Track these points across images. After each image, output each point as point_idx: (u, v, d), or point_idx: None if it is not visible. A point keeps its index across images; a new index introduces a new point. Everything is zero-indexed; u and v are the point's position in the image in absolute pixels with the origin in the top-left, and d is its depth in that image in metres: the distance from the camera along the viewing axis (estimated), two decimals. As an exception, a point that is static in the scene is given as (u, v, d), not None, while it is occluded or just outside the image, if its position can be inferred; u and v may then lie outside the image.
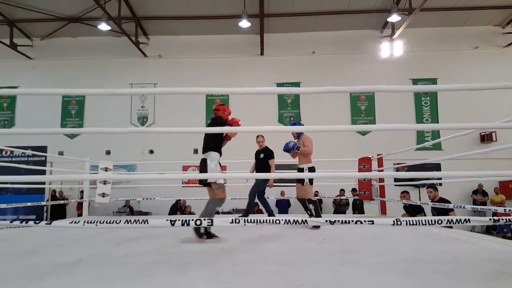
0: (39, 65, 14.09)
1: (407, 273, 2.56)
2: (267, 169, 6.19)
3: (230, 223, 2.65)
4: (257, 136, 6.61)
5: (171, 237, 4.34)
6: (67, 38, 14.10)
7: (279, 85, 13.00)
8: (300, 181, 5.34)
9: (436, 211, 5.70)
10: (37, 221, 2.60)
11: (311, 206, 5.16)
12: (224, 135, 4.55)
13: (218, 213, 11.28)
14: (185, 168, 12.35)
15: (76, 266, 2.87)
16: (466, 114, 12.10)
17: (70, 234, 4.62)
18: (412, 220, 2.52)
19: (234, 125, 4.53)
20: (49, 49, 14.16)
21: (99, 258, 3.22)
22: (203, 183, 4.45)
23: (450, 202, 5.60)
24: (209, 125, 4.70)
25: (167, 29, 13.74)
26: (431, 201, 5.83)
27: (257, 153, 6.58)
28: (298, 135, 5.62)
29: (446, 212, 5.48)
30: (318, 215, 5.11)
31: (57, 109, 13.78)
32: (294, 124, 5.59)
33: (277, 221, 2.76)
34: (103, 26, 12.01)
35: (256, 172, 6.34)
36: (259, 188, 6.45)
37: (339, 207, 11.58)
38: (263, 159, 6.40)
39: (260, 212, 10.22)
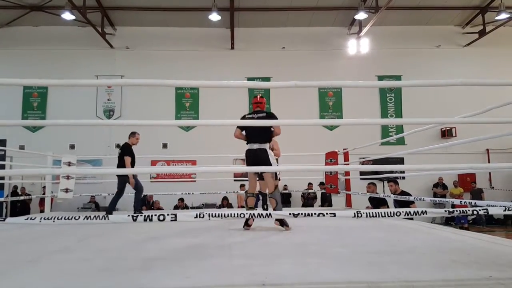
0: (-3, 54, 13.38)
1: (368, 264, 2.64)
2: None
3: (194, 217, 2.63)
4: (138, 133, 6.47)
5: (135, 233, 4.28)
6: (28, 27, 13.44)
7: (249, 79, 12.96)
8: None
9: (398, 204, 5.91)
10: (-11, 218, 2.48)
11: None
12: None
13: (187, 207, 11.27)
14: (153, 163, 12.12)
15: (35, 264, 2.77)
16: (428, 111, 12.56)
17: (30, 231, 4.45)
18: (373, 213, 2.60)
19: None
20: (8, 38, 13.44)
21: (59, 255, 3.12)
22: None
23: (411, 195, 5.81)
24: (259, 118, 4.63)
25: (135, 20, 13.39)
26: (392, 194, 6.03)
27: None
28: None
29: (407, 204, 5.68)
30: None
31: (17, 101, 13.17)
32: None
33: (242, 215, 2.76)
34: (67, 16, 11.56)
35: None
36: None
37: (307, 200, 11.79)
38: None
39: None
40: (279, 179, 5.33)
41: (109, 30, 13.41)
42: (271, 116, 4.62)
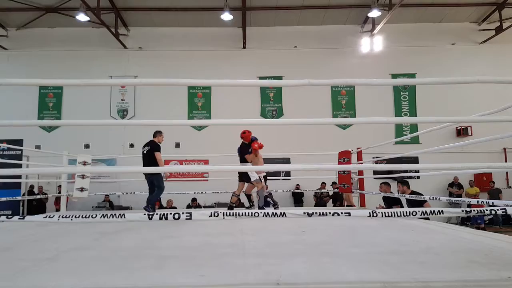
0: (15, 56, 13.67)
1: (383, 264, 2.61)
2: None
3: (209, 216, 2.64)
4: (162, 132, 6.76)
5: (150, 231, 4.31)
6: (44, 29, 13.71)
7: (261, 79, 12.93)
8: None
9: (410, 204, 5.78)
10: (9, 216, 2.53)
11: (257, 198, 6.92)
12: (250, 150, 6.65)
13: (200, 207, 11.34)
14: (166, 162, 12.18)
15: (53, 262, 2.81)
16: (442, 109, 12.40)
17: (47, 230, 4.52)
18: (388, 212, 2.57)
19: (254, 145, 6.55)
20: (25, 40, 13.73)
21: (76, 253, 3.17)
22: (247, 181, 6.87)
23: (422, 195, 5.69)
24: (241, 147, 6.86)
25: (148, 20, 13.51)
26: (404, 195, 5.92)
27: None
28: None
29: (420, 204, 5.58)
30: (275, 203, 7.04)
31: (33, 102, 13.43)
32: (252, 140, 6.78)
33: (256, 214, 2.76)
34: (82, 17, 11.74)
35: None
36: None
37: (320, 200, 11.72)
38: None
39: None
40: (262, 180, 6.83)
41: (122, 31, 13.56)
42: (248, 145, 6.67)
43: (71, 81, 3.11)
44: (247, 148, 6.68)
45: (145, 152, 6.56)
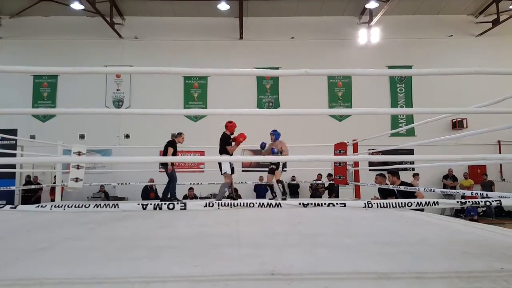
0: (8, 45, 13.51)
1: (378, 254, 2.62)
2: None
3: (204, 206, 2.63)
4: (183, 133, 7.71)
5: (145, 221, 4.30)
6: (38, 17, 13.53)
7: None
8: (273, 171, 7.04)
9: (401, 195, 5.78)
10: (1, 206, 2.50)
11: (280, 185, 6.82)
12: (231, 141, 6.86)
13: (196, 197, 11.35)
14: (162, 153, 12.16)
15: (46, 251, 2.79)
16: (438, 102, 12.40)
17: (40, 219, 4.48)
18: (383, 203, 2.57)
19: (238, 138, 6.75)
20: (19, 28, 13.55)
21: (70, 243, 3.15)
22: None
23: (412, 185, 5.68)
24: (222, 138, 6.93)
25: (144, 9, 13.36)
26: (396, 186, 5.92)
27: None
28: (275, 138, 6.94)
29: (412, 194, 5.57)
30: (285, 192, 7.02)
31: (28, 91, 13.32)
32: (274, 132, 7.01)
33: (251, 205, 2.75)
34: (76, 5, 11.61)
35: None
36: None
37: (316, 191, 11.75)
38: None
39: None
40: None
41: (117, 20, 13.41)
42: (224, 136, 6.91)
43: (65, 69, 3.07)
44: (228, 139, 6.90)
45: (164, 147, 7.47)
